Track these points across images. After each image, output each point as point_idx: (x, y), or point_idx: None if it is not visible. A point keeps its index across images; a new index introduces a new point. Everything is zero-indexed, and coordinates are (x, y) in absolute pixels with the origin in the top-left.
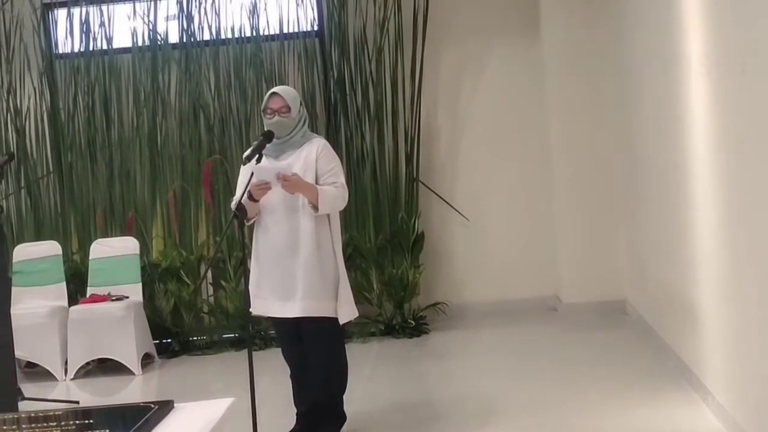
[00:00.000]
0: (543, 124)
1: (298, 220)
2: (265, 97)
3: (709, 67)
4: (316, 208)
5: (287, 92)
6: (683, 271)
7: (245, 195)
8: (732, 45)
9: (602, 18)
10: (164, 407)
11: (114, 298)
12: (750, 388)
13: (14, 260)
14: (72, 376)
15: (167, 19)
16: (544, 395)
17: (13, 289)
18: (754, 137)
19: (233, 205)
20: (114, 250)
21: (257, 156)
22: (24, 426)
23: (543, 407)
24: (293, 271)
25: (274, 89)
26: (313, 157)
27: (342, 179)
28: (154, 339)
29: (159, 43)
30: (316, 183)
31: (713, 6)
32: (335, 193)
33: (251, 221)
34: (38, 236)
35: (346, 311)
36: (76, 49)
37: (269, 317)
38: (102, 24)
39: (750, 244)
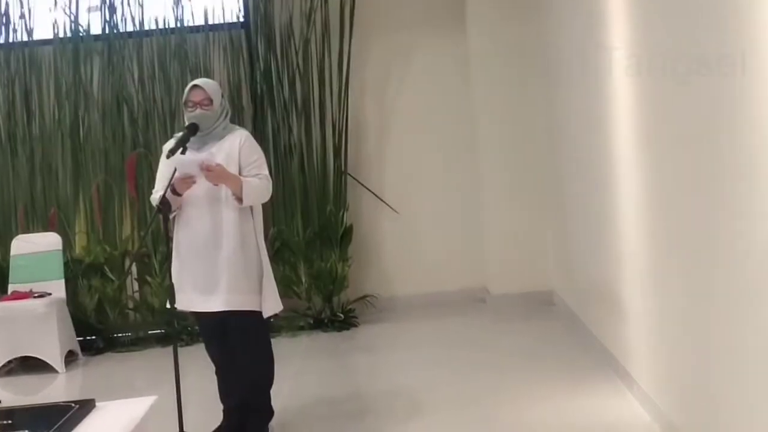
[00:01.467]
0: (471, 117)
1: (221, 212)
2: (186, 90)
3: (634, 64)
4: (240, 199)
5: (208, 84)
6: (608, 263)
7: (168, 189)
8: (658, 42)
9: (529, 12)
10: (85, 406)
11: (36, 295)
12: (674, 376)
13: None
14: None
15: (89, 10)
16: (472, 387)
17: None
18: (675, 134)
19: (155, 199)
20: (36, 246)
21: (182, 149)
22: None
23: (470, 399)
24: (216, 264)
25: (195, 81)
26: (236, 149)
27: (266, 170)
28: (78, 336)
29: (81, 34)
30: (240, 175)
31: (639, 1)
32: (259, 184)
33: (173, 214)
34: None
35: (271, 305)
36: None
37: (192, 312)
38: (22, 15)
39: (672, 237)
